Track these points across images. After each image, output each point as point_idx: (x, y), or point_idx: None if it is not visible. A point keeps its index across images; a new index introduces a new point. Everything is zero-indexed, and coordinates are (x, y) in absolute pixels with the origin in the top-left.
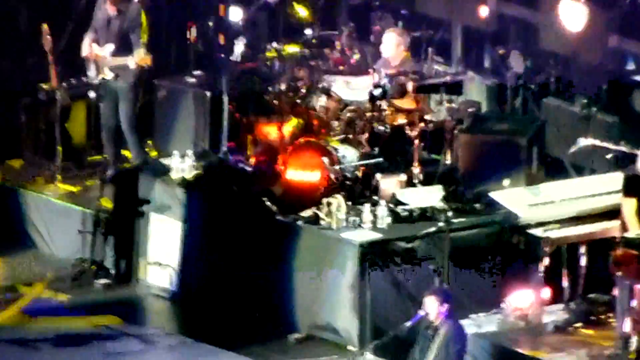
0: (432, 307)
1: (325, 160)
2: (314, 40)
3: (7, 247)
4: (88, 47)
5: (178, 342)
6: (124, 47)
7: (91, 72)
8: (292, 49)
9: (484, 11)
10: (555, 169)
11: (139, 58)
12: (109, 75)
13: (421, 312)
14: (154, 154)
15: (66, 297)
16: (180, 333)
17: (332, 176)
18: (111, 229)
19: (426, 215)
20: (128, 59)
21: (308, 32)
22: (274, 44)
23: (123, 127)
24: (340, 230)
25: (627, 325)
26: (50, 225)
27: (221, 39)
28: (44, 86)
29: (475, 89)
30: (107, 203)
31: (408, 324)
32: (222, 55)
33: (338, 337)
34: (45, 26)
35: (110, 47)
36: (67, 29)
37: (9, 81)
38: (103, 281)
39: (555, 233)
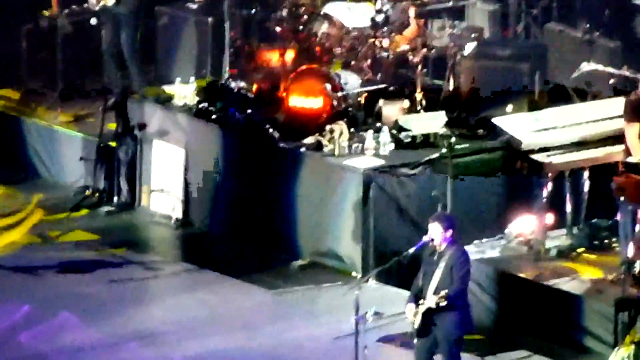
0: (437, 233)
1: (328, 86)
2: None
3: (10, 174)
4: None
5: (182, 269)
6: None
7: (94, 1)
8: None
9: None
10: (558, 94)
11: None
12: (110, 1)
13: (425, 238)
14: (155, 80)
15: (72, 225)
16: (183, 261)
17: (335, 103)
18: (113, 155)
19: (429, 141)
20: None
21: None
22: None
23: (125, 53)
24: (343, 157)
25: (630, 250)
26: (52, 152)
27: None
28: (45, 13)
29: (478, 15)
30: (108, 130)
31: (411, 250)
32: None
33: (341, 264)
34: None
35: None
36: None
37: (9, 7)
38: (107, 208)
39: (558, 158)
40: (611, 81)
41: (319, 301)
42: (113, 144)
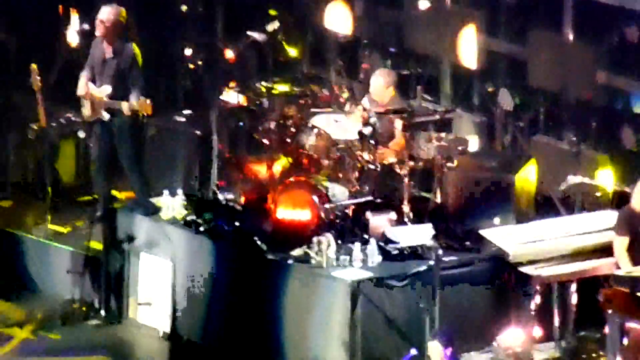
0: (436, 353)
1: (315, 198)
2: (303, 78)
3: None
4: (84, 86)
5: None
6: (121, 89)
7: (86, 110)
8: (281, 87)
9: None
10: (545, 207)
11: (139, 105)
12: (105, 116)
13: (412, 351)
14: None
15: (57, 337)
16: None
17: (322, 214)
18: (101, 268)
19: (417, 253)
20: (123, 104)
21: (298, 70)
22: (263, 82)
23: (125, 166)
24: (331, 269)
25: None
26: (40, 265)
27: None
28: (33, 125)
29: (465, 126)
30: (96, 243)
31: None
32: (212, 93)
33: None
34: (34, 65)
35: (107, 88)
36: (56, 67)
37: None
38: (93, 321)
39: (546, 271)
40: (597, 194)
41: None
42: (100, 255)
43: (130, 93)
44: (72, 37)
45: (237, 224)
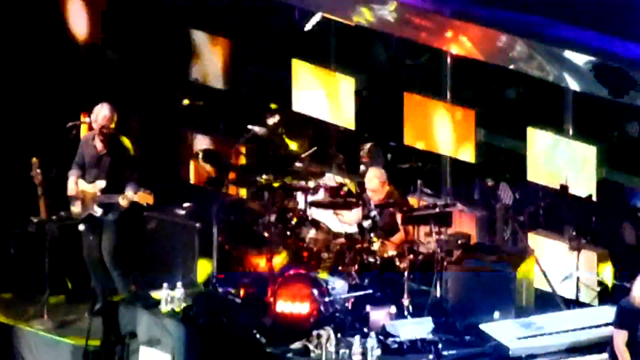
0: None
1: (315, 291)
2: (303, 172)
3: None
4: (74, 185)
5: None
6: (116, 184)
7: (76, 208)
8: (281, 179)
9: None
10: (545, 301)
11: (140, 197)
12: (98, 211)
13: None
14: (142, 286)
15: None
16: None
17: (322, 308)
18: None
19: (416, 347)
20: (120, 197)
21: (298, 163)
22: (264, 175)
23: (106, 260)
24: None
25: None
26: (40, 358)
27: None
28: (34, 219)
29: (465, 221)
30: (95, 337)
31: None
32: (211, 187)
33: None
34: (35, 160)
35: (102, 183)
36: (57, 161)
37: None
38: None
39: None
40: (597, 289)
41: None
42: (100, 348)
43: (126, 186)
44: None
45: (236, 317)
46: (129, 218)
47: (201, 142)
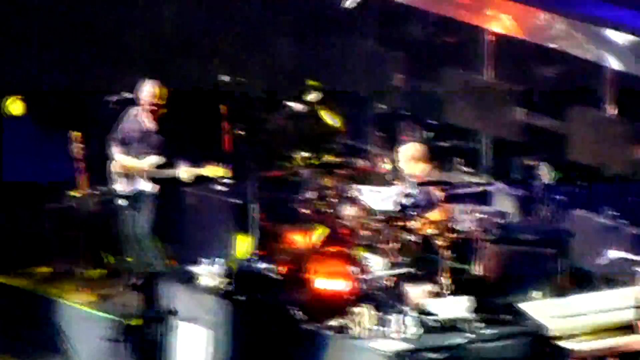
0: None
1: (353, 269)
2: (342, 149)
3: (36, 354)
4: (120, 161)
5: None
6: (167, 159)
7: (119, 183)
8: (320, 157)
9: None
10: (583, 281)
11: (210, 170)
12: (146, 186)
13: None
14: (180, 261)
15: None
16: None
17: (360, 285)
18: (139, 336)
19: (454, 325)
20: (179, 172)
21: (337, 140)
22: (303, 153)
23: (145, 235)
24: (368, 340)
25: None
26: (77, 332)
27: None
28: (72, 193)
29: (503, 199)
30: (135, 312)
31: None
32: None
33: None
34: (76, 133)
35: (157, 159)
36: (97, 136)
37: (35, 188)
38: None
39: (583, 345)
40: (637, 268)
41: None
42: (138, 323)
43: (178, 161)
44: None
45: (274, 293)
46: (169, 193)
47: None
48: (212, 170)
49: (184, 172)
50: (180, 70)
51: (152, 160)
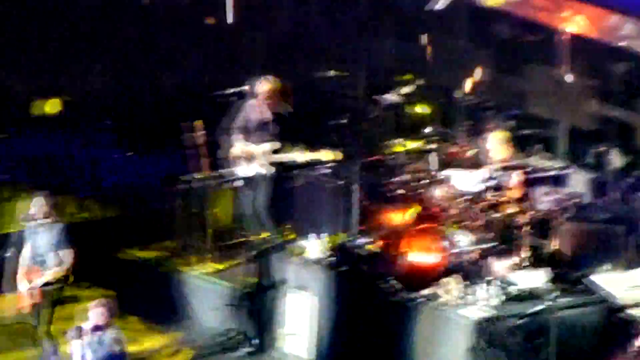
0: None
1: (444, 244)
2: (434, 136)
3: (164, 319)
4: (241, 147)
5: None
6: (283, 145)
7: (241, 167)
8: (414, 143)
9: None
10: None
11: (323, 155)
12: (263, 169)
13: None
14: (292, 235)
15: None
16: None
17: (450, 259)
18: (254, 302)
19: (534, 295)
20: (296, 155)
21: (429, 128)
22: (399, 139)
23: (260, 213)
24: (457, 307)
25: None
26: (201, 299)
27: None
28: (197, 175)
29: (578, 182)
30: (250, 280)
31: None
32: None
33: None
34: (198, 123)
35: (275, 144)
36: (218, 123)
37: (166, 171)
38: (247, 349)
39: None
40: None
41: None
42: (253, 291)
43: (295, 146)
44: None
45: (373, 265)
46: (281, 175)
47: None
48: (325, 155)
49: (299, 156)
50: (293, 66)
51: (269, 146)
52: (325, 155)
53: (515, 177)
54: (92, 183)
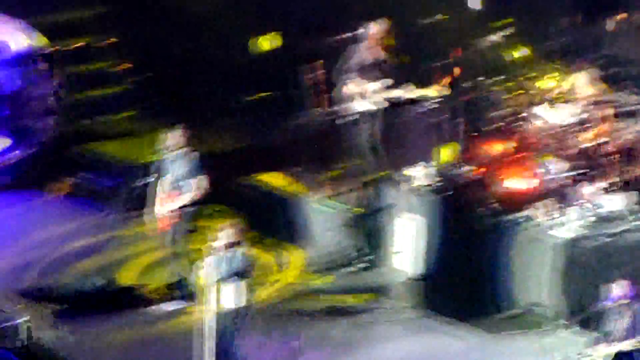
0: (623, 289)
1: (538, 171)
2: (529, 74)
3: (286, 238)
4: (355, 85)
5: (419, 314)
6: (394, 82)
7: (354, 103)
8: (511, 81)
9: None
10: None
11: (432, 90)
12: (376, 105)
13: (614, 293)
14: (401, 165)
15: (330, 279)
16: (421, 307)
17: (544, 184)
18: (366, 224)
19: (620, 216)
20: (403, 91)
21: (525, 67)
22: (497, 77)
23: (374, 144)
24: (549, 229)
25: None
26: (319, 221)
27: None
28: (315, 110)
29: None
30: (363, 204)
31: (604, 302)
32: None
33: (546, 315)
34: (318, 62)
35: (388, 81)
36: (335, 63)
37: (286, 108)
38: (361, 265)
39: None
40: None
41: (527, 344)
42: (366, 213)
43: (403, 84)
44: None
45: (474, 190)
46: (392, 111)
47: None
48: (431, 91)
49: (408, 92)
50: (402, 8)
51: (380, 83)
52: (432, 91)
53: (605, 111)
54: (223, 117)
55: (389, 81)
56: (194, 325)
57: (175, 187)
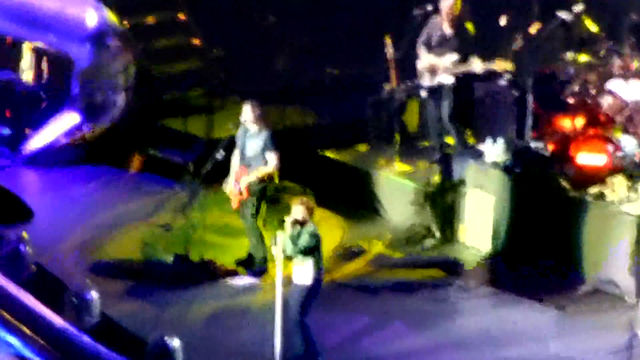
0: None
1: (610, 147)
2: (602, 51)
3: (357, 214)
4: (426, 60)
5: (490, 291)
6: (463, 58)
7: (427, 79)
8: (583, 57)
9: None
10: None
11: (496, 64)
12: (446, 79)
13: None
14: (471, 140)
15: (402, 255)
16: (488, 284)
17: (615, 161)
18: (437, 200)
19: None
20: (473, 65)
21: (597, 44)
22: (569, 53)
23: (444, 120)
24: (621, 204)
25: None
26: (390, 197)
27: None
28: (386, 86)
29: None
30: (434, 180)
31: None
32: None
33: (618, 291)
34: (388, 38)
35: (453, 56)
36: (405, 40)
37: (358, 83)
38: (430, 242)
39: None
40: None
41: (599, 320)
42: (437, 189)
43: (471, 58)
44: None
45: (545, 167)
46: (464, 85)
47: None
48: (500, 65)
49: (477, 66)
50: None
51: (451, 58)
52: (499, 65)
53: None
54: (294, 94)
55: (457, 56)
56: (264, 301)
57: (246, 163)
